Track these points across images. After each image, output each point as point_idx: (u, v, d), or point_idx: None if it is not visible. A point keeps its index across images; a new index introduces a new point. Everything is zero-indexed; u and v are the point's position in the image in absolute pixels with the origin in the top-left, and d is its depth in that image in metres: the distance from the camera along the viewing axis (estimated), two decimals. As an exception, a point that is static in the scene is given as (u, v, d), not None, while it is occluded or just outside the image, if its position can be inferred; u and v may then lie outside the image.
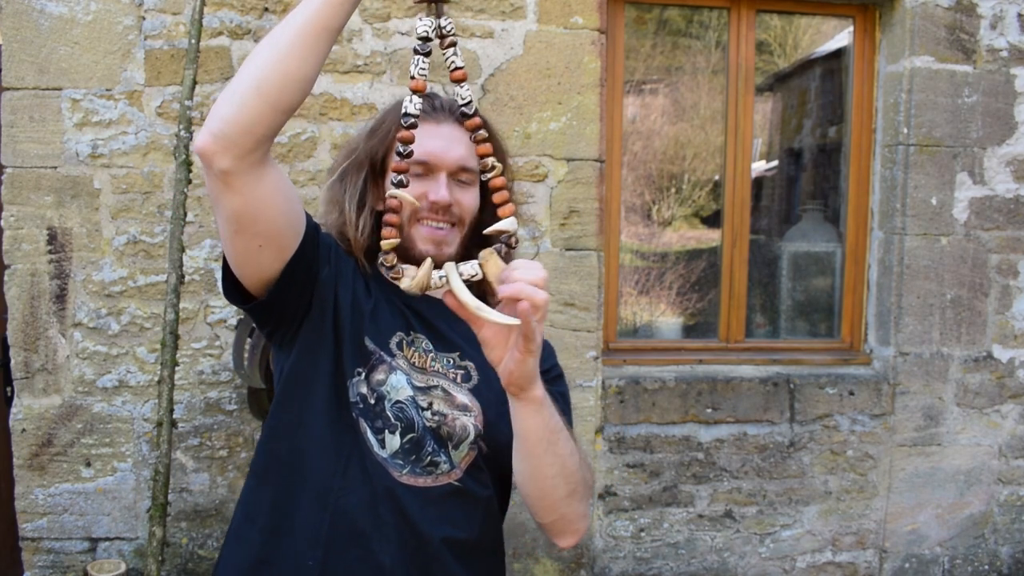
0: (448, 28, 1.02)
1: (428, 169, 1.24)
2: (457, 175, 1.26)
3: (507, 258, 1.09)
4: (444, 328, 1.30)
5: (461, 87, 1.04)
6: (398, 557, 1.22)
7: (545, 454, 1.15)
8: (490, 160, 1.08)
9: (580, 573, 3.14)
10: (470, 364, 1.30)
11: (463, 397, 1.28)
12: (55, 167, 2.83)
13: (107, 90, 2.83)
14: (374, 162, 1.31)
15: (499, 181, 1.08)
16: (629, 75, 3.48)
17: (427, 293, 1.12)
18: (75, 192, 2.84)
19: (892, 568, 3.33)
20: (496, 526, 1.36)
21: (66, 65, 2.80)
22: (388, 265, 1.07)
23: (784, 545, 3.29)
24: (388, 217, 1.07)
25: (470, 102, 1.04)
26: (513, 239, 1.09)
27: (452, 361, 1.30)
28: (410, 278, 1.08)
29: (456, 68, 1.03)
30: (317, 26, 1.02)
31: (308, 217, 1.23)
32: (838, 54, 3.70)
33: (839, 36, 3.70)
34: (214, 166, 1.04)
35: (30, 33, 2.77)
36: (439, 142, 1.23)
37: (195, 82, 2.60)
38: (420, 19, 1.03)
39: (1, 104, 2.79)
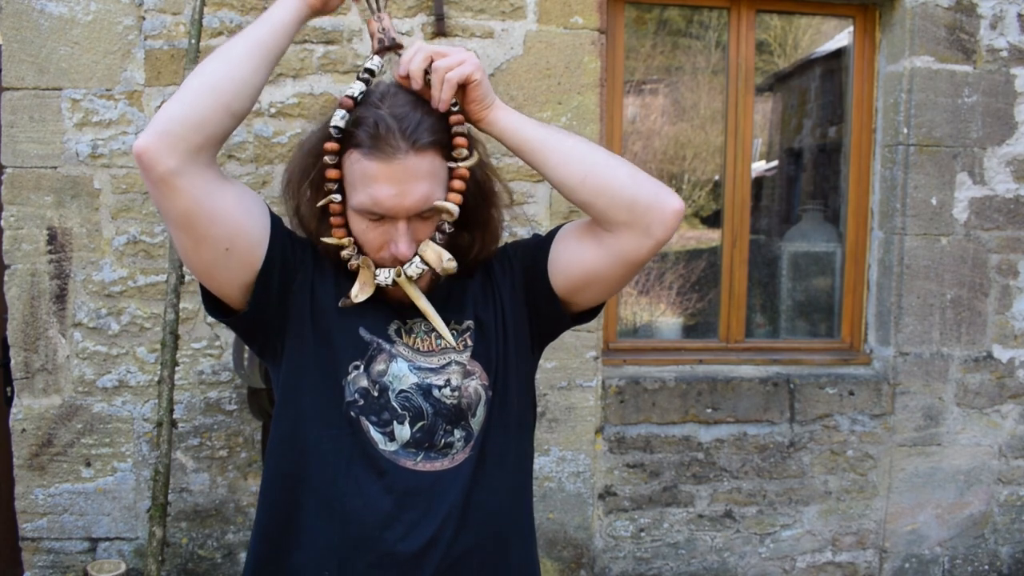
0: (384, 69, 1.20)
1: (384, 217, 1.18)
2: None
3: (445, 244, 1.20)
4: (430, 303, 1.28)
5: None
6: (418, 552, 1.19)
7: (563, 137, 1.23)
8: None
9: (580, 573, 3.13)
10: (468, 322, 1.29)
11: (469, 364, 1.27)
12: (55, 167, 2.83)
13: (107, 90, 2.83)
14: (310, 176, 1.27)
15: (459, 184, 1.21)
16: (629, 75, 3.48)
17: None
18: (75, 192, 2.84)
19: (892, 568, 3.34)
20: (520, 496, 1.34)
21: (66, 65, 2.80)
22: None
23: (784, 545, 3.29)
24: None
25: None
26: (446, 224, 1.19)
27: (454, 331, 1.28)
28: (360, 293, 1.23)
29: None
30: (263, 45, 1.14)
31: (278, 220, 1.22)
32: (838, 54, 3.70)
33: (839, 36, 3.70)
34: (159, 167, 1.05)
35: (30, 33, 2.77)
36: (390, 189, 1.13)
37: (195, 82, 2.60)
38: (370, 58, 1.21)
39: (1, 104, 2.79)
